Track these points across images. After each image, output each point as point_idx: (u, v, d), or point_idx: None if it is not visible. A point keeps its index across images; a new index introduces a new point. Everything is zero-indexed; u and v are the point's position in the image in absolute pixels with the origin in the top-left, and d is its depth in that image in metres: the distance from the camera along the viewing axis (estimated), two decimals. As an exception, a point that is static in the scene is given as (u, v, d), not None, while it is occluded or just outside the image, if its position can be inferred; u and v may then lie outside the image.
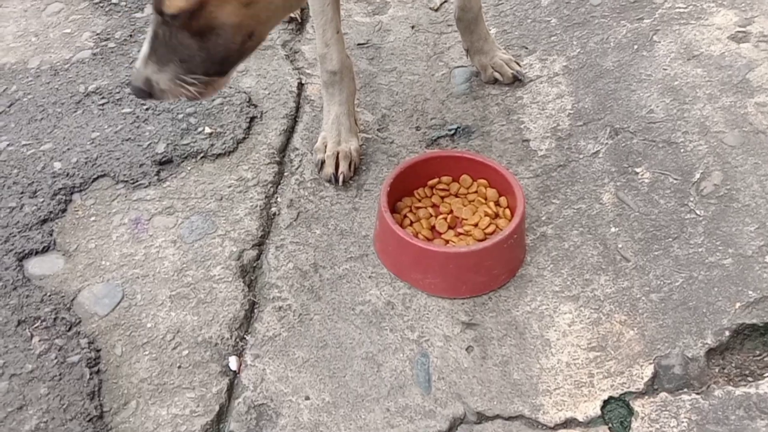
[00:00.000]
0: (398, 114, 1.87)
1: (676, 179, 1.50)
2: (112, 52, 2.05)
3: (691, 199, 1.46)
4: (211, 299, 1.41)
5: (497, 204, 1.48)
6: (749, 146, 1.49)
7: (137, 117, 1.80)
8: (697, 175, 1.48)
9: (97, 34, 2.14)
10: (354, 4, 2.24)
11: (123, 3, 2.27)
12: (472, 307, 1.39)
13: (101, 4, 2.28)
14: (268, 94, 1.89)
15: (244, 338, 1.36)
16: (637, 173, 1.55)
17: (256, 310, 1.40)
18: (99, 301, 1.41)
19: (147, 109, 1.82)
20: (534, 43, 2.01)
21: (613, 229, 1.47)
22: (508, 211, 1.45)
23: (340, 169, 1.65)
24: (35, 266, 1.48)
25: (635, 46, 1.82)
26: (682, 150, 1.53)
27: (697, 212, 1.43)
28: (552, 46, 1.94)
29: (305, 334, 1.35)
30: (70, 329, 1.36)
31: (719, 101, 1.59)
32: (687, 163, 1.51)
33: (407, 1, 2.31)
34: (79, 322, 1.38)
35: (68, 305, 1.40)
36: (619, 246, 1.44)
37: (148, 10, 2.23)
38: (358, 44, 2.10)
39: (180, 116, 1.80)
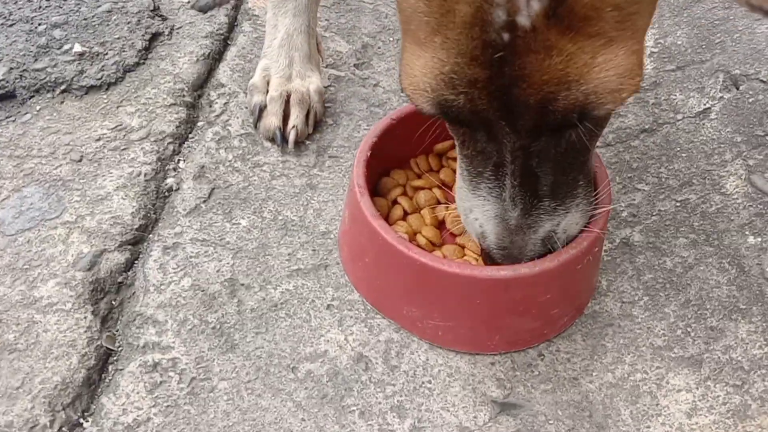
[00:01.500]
0: (386, 44, 1.23)
1: None
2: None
3: None
4: (28, 343, 0.76)
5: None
6: None
7: (-28, 24, 1.13)
8: None
9: None
10: None
11: None
12: (511, 372, 0.77)
13: None
14: (187, 0, 1.22)
15: (80, 425, 0.71)
16: (781, 146, 0.93)
17: (110, 368, 0.76)
18: None
19: (-8, 15, 1.15)
20: None
21: (751, 240, 0.86)
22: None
23: (291, 122, 1.01)
24: None
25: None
26: None
27: None
28: None
29: (199, 421, 0.72)
30: None
31: None
32: None
33: None
34: None
35: None
36: (766, 269, 0.83)
37: None
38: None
39: (41, 27, 1.13)
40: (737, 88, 1.02)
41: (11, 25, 1.16)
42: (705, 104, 1.02)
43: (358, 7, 1.30)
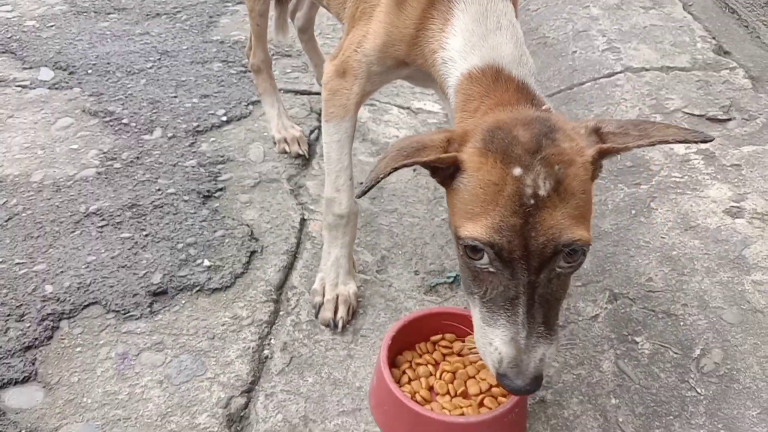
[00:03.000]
0: (397, 256, 1.87)
1: (676, 353, 1.49)
2: (117, 172, 2.06)
3: (692, 375, 1.44)
4: (193, 451, 1.33)
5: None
6: (748, 325, 1.49)
7: (136, 243, 1.79)
8: (698, 351, 1.48)
9: (104, 153, 2.16)
10: (359, 143, 2.31)
11: (133, 124, 2.31)
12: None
13: (111, 123, 2.32)
14: (270, 228, 1.89)
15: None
16: (637, 343, 1.54)
17: (240, 467, 1.33)
18: (74, 444, 1.33)
19: (146, 236, 1.81)
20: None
21: (613, 401, 1.44)
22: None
23: (339, 314, 1.62)
24: (13, 398, 1.40)
25: (633, 211, 1.87)
26: (681, 323, 1.54)
27: (698, 390, 1.41)
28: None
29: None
30: (39, 475, 1.27)
31: (717, 276, 1.61)
32: (687, 337, 1.51)
33: (410, 143, 2.38)
34: (51, 466, 1.29)
35: (41, 446, 1.32)
36: (620, 420, 1.41)
37: (158, 133, 2.27)
38: (361, 183, 2.13)
39: (180, 246, 1.79)
40: (616, 301, 1.65)
41: (158, 242, 1.81)
42: (596, 311, 1.65)
43: (377, 229, 1.96)
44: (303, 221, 1.95)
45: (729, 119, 2.18)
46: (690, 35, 2.77)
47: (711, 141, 1.09)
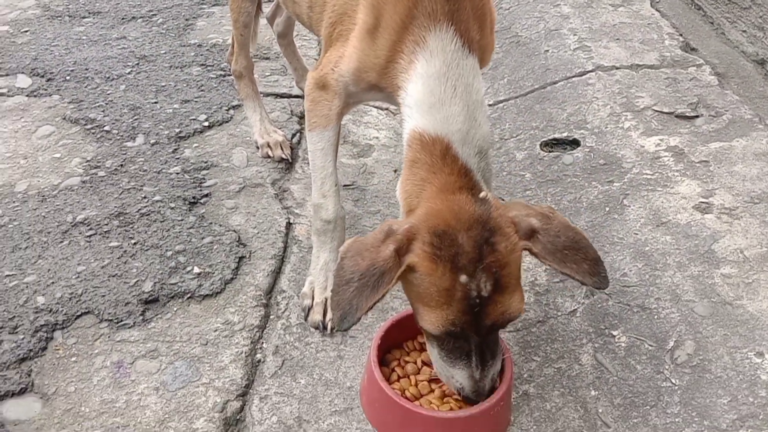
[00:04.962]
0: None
1: (651, 346, 1.56)
2: (101, 180, 2.08)
3: (667, 366, 1.52)
4: (192, 454, 1.38)
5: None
6: (718, 317, 1.58)
7: (125, 252, 1.81)
8: (671, 343, 1.56)
9: (87, 161, 2.18)
10: (340, 146, 2.35)
11: (115, 131, 2.33)
12: (458, 471, 1.39)
13: (92, 131, 2.33)
14: (257, 233, 1.93)
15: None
16: (614, 336, 1.61)
17: (238, 469, 1.38)
18: (75, 453, 1.36)
19: (135, 244, 1.84)
20: (509, 195, 2.13)
21: (593, 392, 1.52)
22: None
23: (328, 316, 1.67)
24: (10, 410, 1.43)
25: (607, 208, 1.94)
26: (655, 317, 1.62)
27: (673, 381, 1.49)
28: (526, 201, 2.05)
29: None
30: (42, 484, 1.30)
31: (688, 270, 1.69)
32: (661, 330, 1.59)
33: (390, 146, 2.43)
34: (53, 475, 1.33)
35: (42, 456, 1.35)
36: (600, 410, 1.48)
37: (140, 140, 2.29)
38: (344, 185, 2.18)
39: (169, 253, 1.82)
40: (593, 296, 1.73)
41: (146, 250, 1.84)
42: (574, 306, 1.72)
43: (362, 230, 2.01)
44: (289, 225, 1.99)
45: (697, 116, 2.27)
46: (658, 32, 2.86)
47: (605, 289, 1.32)
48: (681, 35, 2.83)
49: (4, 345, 1.55)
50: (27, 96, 2.54)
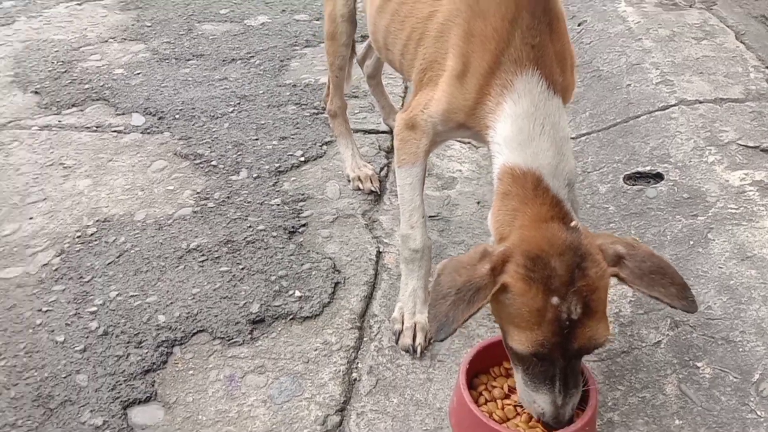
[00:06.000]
0: (468, 287, 2.02)
1: (736, 378, 1.59)
2: (211, 211, 2.29)
3: (752, 399, 1.55)
4: (298, 463, 1.51)
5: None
6: (805, 351, 1.59)
7: (233, 276, 1.99)
8: (757, 376, 1.58)
9: (198, 193, 2.39)
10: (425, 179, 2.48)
11: (221, 165, 2.54)
12: (544, 491, 1.46)
13: (201, 165, 2.56)
14: (350, 260, 2.07)
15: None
16: (698, 367, 1.65)
17: (340, 478, 1.50)
18: (194, 456, 1.52)
19: (242, 269, 2.02)
20: (593, 228, 2.19)
21: (677, 422, 1.56)
22: (577, 398, 1.55)
23: (417, 341, 1.78)
24: (138, 415, 1.61)
25: (691, 242, 1.98)
26: (740, 349, 1.64)
27: (758, 413, 1.52)
28: (611, 233, 2.11)
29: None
30: (167, 482, 1.46)
31: (774, 304, 1.71)
32: (746, 362, 1.61)
33: (473, 178, 2.54)
34: (176, 475, 1.48)
35: (166, 458, 1.52)
36: (684, 439, 1.52)
37: (244, 173, 2.49)
38: (429, 216, 2.30)
39: (273, 278, 1.99)
40: (677, 328, 1.77)
41: (253, 275, 2.02)
42: (658, 338, 1.76)
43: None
44: (378, 254, 2.12)
45: (783, 150, 2.27)
46: (743, 65, 2.86)
47: (694, 312, 1.38)
48: (767, 68, 2.82)
49: (131, 357, 1.74)
50: (141, 133, 2.80)
